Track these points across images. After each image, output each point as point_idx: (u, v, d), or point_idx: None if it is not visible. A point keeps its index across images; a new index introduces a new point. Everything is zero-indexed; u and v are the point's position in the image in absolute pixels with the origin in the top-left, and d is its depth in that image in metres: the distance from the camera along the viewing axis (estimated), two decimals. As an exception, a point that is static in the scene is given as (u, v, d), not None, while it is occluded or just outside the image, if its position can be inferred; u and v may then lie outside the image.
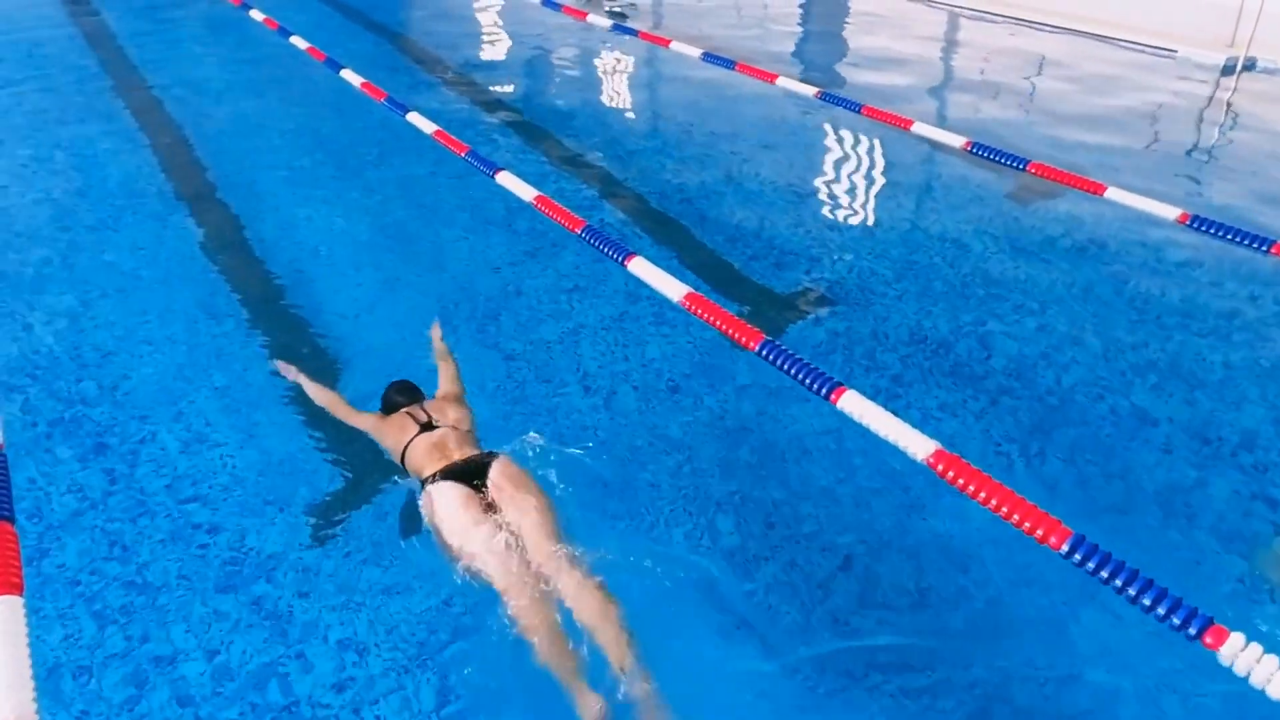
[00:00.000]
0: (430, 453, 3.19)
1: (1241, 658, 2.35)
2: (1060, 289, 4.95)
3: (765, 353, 3.76)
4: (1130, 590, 2.53)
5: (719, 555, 3.23)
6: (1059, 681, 2.81)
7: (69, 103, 7.70)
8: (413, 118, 6.87)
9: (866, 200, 6.25)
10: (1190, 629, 2.43)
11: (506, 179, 5.77)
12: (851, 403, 3.35)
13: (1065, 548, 2.66)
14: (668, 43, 9.46)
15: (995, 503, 2.84)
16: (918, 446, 3.08)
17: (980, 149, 6.22)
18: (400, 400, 3.52)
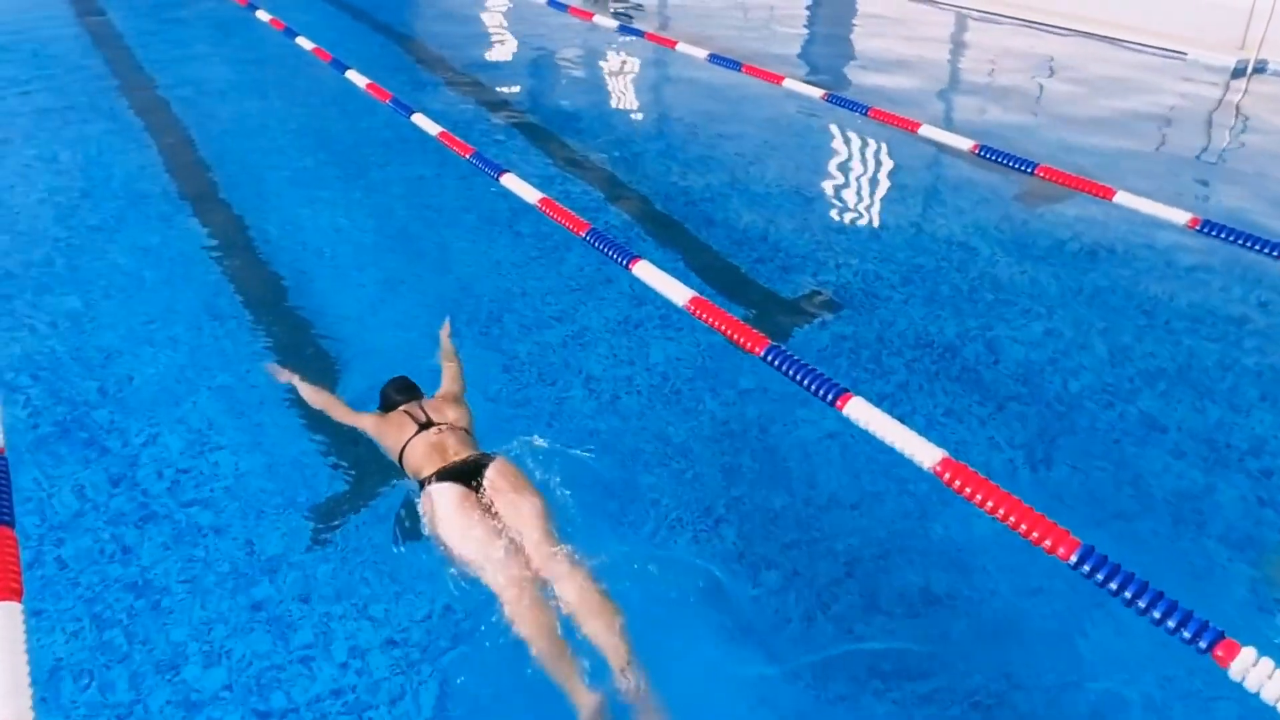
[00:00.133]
0: (428, 453, 3.19)
1: (1253, 673, 2.32)
2: (1068, 294, 4.91)
3: (770, 358, 3.73)
4: (1140, 602, 2.51)
5: (721, 560, 3.20)
6: (1064, 689, 2.78)
7: (74, 102, 7.69)
8: (418, 119, 6.86)
9: (873, 203, 6.22)
10: (1201, 642, 2.41)
11: (511, 181, 5.76)
12: (857, 409, 3.33)
13: (1074, 558, 2.64)
14: (674, 44, 9.43)
15: (1003, 512, 2.82)
16: (924, 454, 3.06)
17: (988, 152, 6.18)
18: (398, 399, 3.50)
